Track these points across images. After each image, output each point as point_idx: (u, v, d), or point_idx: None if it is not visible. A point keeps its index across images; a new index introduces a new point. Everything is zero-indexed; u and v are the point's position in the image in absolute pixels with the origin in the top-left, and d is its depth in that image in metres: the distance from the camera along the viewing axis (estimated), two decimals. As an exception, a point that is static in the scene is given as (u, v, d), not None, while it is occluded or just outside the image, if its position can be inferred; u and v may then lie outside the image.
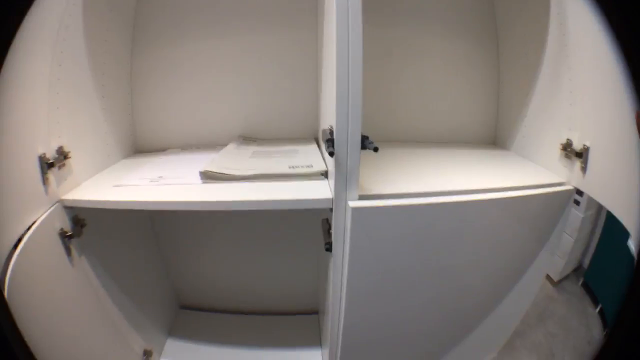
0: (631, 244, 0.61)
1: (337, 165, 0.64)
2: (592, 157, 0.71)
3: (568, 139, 0.78)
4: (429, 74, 1.07)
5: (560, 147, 0.80)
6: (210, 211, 0.72)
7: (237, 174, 0.77)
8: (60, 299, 0.69)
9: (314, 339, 1.14)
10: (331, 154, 0.62)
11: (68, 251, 0.71)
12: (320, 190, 0.72)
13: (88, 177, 0.83)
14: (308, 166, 0.79)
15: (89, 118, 0.84)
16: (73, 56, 0.75)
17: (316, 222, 0.82)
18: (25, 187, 0.63)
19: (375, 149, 0.63)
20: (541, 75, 0.89)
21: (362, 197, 0.68)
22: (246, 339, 1.16)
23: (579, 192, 0.79)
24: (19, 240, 0.59)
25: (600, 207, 0.68)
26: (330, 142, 0.63)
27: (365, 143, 0.63)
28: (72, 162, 0.74)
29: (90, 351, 0.76)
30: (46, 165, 0.66)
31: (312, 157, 0.84)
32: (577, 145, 0.75)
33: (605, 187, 0.70)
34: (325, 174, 0.77)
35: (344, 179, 0.65)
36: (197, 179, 0.78)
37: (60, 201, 0.71)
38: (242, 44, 1.01)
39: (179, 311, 1.27)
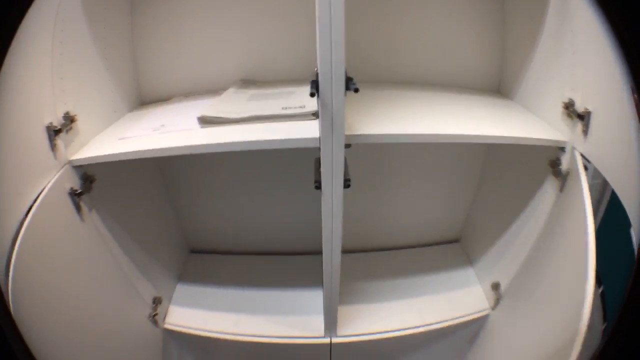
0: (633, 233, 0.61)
1: (323, 106, 0.64)
2: (594, 123, 0.70)
3: (570, 99, 0.76)
4: (432, 15, 1.02)
5: (563, 105, 0.78)
6: (215, 155, 0.77)
7: (232, 117, 0.79)
8: (71, 254, 0.73)
9: (318, 278, 1.16)
10: (312, 94, 0.62)
11: (78, 208, 0.74)
12: (309, 131, 0.72)
13: (96, 134, 0.84)
14: (300, 107, 0.80)
15: (93, 80, 0.86)
16: (73, 24, 0.76)
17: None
18: (35, 156, 0.66)
19: (356, 90, 0.62)
20: (545, 30, 0.85)
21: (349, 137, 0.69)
22: (254, 279, 1.20)
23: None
24: (32, 206, 0.62)
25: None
26: (314, 83, 0.63)
27: (348, 84, 0.62)
28: (79, 124, 0.76)
29: (101, 302, 0.81)
30: (53, 133, 0.69)
31: (307, 98, 0.83)
32: (580, 107, 0.74)
33: (606, 156, 0.70)
34: (316, 114, 0.75)
35: (330, 120, 0.65)
36: (197, 124, 0.80)
37: (69, 162, 0.73)
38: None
39: (189, 256, 1.31)
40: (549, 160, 0.82)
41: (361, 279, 1.19)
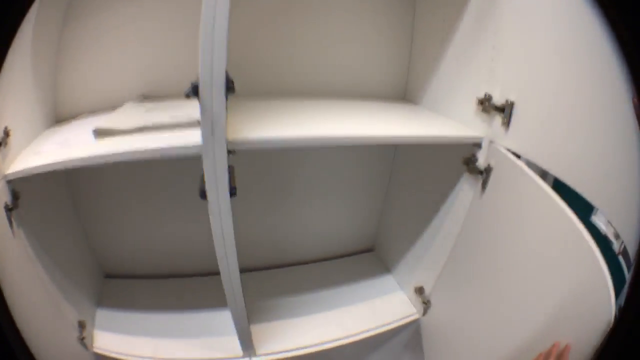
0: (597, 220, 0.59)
1: (203, 110, 0.62)
2: (517, 113, 0.70)
3: (487, 93, 0.77)
4: (334, 19, 1.01)
5: (477, 101, 0.78)
6: (117, 172, 0.86)
7: (123, 127, 0.79)
8: (6, 270, 0.70)
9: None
10: (187, 95, 0.61)
11: (10, 223, 0.73)
12: (193, 138, 0.70)
13: (23, 149, 0.82)
14: (189, 116, 0.79)
15: (25, 94, 0.85)
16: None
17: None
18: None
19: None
20: (462, 27, 0.86)
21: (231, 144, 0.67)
22: (170, 302, 1.16)
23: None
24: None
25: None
26: (193, 86, 0.61)
27: (230, 87, 0.62)
28: (12, 138, 0.75)
29: (31, 322, 0.77)
30: None
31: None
32: (499, 100, 0.74)
33: (534, 145, 0.69)
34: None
35: (210, 124, 0.64)
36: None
37: (4, 176, 0.72)
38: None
39: (104, 281, 1.26)
40: (462, 158, 0.82)
41: (275, 296, 1.17)
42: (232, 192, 0.71)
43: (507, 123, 0.71)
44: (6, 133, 0.73)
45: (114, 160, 0.72)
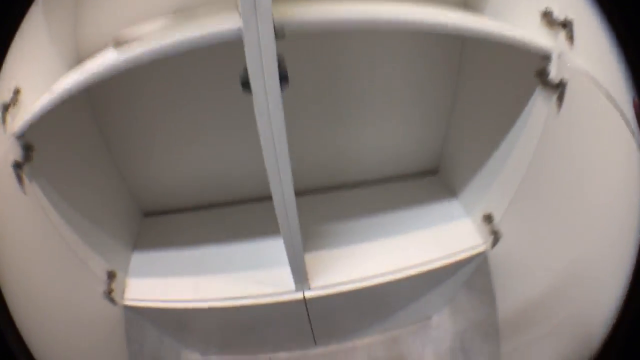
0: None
1: None
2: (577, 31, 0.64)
3: (547, 7, 0.68)
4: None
5: (540, 14, 0.69)
6: (156, 89, 0.78)
7: (147, 30, 0.69)
8: (14, 231, 0.67)
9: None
10: None
11: (20, 179, 0.68)
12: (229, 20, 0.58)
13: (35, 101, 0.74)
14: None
15: (36, 47, 0.77)
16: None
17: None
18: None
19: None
20: None
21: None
22: (213, 235, 1.07)
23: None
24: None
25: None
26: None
27: None
28: (24, 97, 0.69)
29: (50, 285, 0.73)
30: (4, 108, 0.65)
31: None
32: (559, 16, 0.66)
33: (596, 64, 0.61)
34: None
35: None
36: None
37: (13, 133, 0.68)
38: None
39: (143, 220, 1.17)
40: (535, 71, 0.72)
41: (331, 221, 1.06)
42: (283, 76, 0.57)
43: (571, 38, 0.65)
44: (16, 92, 0.67)
45: (136, 62, 0.60)
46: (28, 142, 0.70)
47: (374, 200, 1.14)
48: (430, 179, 1.21)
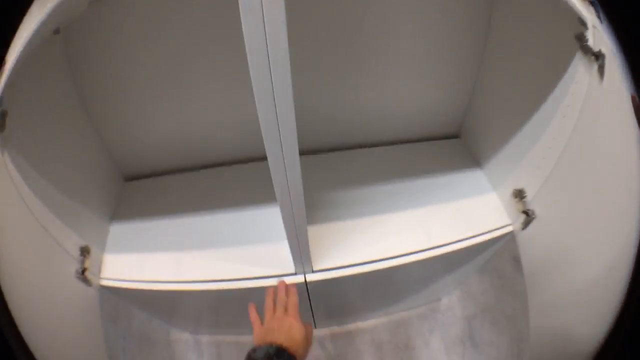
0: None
1: None
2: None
3: None
4: None
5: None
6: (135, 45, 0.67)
7: None
8: None
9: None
10: None
11: None
12: None
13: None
14: None
15: None
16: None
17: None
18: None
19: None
20: None
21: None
22: (201, 202, 0.95)
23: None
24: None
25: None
26: None
27: None
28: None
29: (16, 263, 0.64)
30: None
31: None
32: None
33: None
34: None
35: None
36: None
37: None
38: None
39: (125, 185, 1.05)
40: (574, 34, 0.64)
41: (338, 188, 0.93)
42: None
43: (599, 16, 0.61)
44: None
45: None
46: (3, 109, 0.60)
47: (388, 164, 1.01)
48: (452, 142, 1.08)
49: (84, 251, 0.79)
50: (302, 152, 0.54)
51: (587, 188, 0.67)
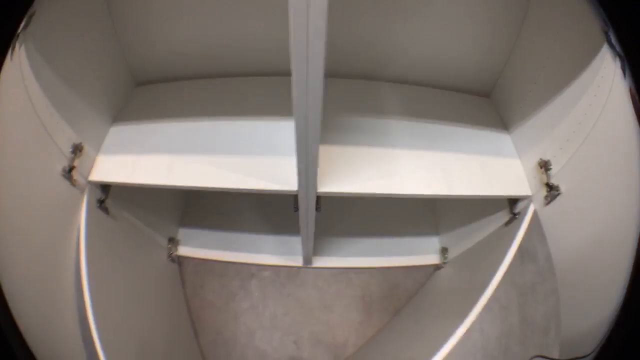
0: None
1: None
2: None
3: None
4: None
5: None
6: None
7: None
8: None
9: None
10: None
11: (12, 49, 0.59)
12: None
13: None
14: None
15: None
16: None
17: None
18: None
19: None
20: None
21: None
22: (207, 110, 0.91)
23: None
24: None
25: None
26: None
27: None
28: None
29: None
30: None
31: None
32: None
33: None
34: None
35: None
36: None
37: None
38: None
39: (134, 90, 0.99)
40: (600, 29, 0.63)
41: (359, 113, 0.89)
42: None
43: None
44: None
45: None
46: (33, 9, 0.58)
47: (414, 103, 0.96)
48: (482, 100, 1.02)
49: (77, 149, 0.76)
50: (330, 74, 0.48)
51: (613, 171, 0.63)
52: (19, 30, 0.58)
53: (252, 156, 0.81)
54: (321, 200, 0.80)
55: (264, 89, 0.96)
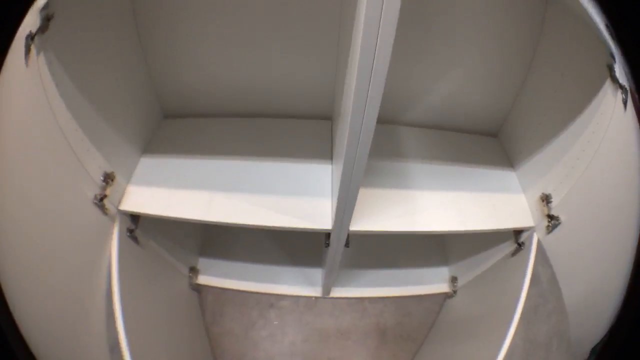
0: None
1: None
2: None
3: None
4: None
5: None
6: None
7: None
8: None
9: (325, 150, 0.99)
10: None
11: (27, 51, 0.55)
12: None
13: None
14: None
15: None
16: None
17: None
18: None
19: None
20: None
21: None
22: (239, 147, 0.97)
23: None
24: None
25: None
26: None
27: None
28: None
29: (30, 178, 0.59)
30: None
31: None
32: None
33: None
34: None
35: None
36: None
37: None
38: None
39: (162, 122, 1.04)
40: (606, 63, 0.66)
41: (383, 155, 0.98)
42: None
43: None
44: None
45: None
46: (49, 11, 0.57)
47: (427, 145, 1.06)
48: (489, 140, 1.12)
49: (108, 177, 0.77)
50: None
51: (606, 201, 0.70)
52: (34, 32, 0.55)
53: (287, 196, 0.87)
54: (350, 237, 0.86)
55: (294, 130, 1.04)
